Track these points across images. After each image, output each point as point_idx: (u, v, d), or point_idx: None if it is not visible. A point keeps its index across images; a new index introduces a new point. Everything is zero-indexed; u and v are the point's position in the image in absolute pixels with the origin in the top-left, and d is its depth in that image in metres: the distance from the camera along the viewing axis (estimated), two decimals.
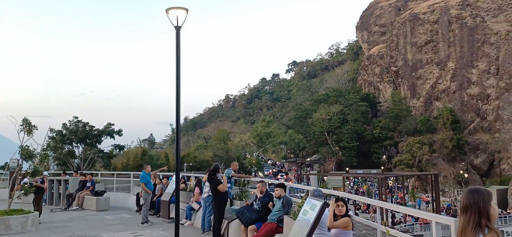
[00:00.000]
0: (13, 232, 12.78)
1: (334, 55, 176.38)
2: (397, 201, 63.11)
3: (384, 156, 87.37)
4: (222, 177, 11.91)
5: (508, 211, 56.73)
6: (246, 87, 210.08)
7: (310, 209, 6.93)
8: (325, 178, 75.30)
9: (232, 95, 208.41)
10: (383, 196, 53.92)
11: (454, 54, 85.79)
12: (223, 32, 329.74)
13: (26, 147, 14.79)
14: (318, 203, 6.71)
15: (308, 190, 9.20)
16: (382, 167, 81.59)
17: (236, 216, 10.89)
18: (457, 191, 70.37)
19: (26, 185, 15.20)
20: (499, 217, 52.50)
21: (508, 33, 78.70)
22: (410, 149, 77.13)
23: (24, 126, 14.59)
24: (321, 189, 8.25)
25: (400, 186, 72.14)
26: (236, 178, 13.27)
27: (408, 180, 75.67)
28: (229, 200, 12.50)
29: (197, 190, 14.73)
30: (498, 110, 75.59)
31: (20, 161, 15.48)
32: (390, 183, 74.67)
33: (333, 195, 8.98)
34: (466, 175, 71.57)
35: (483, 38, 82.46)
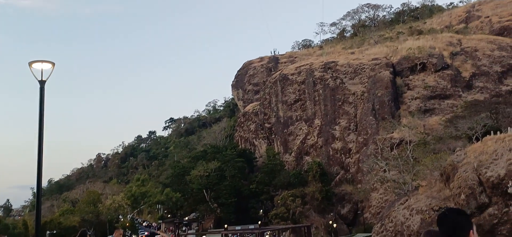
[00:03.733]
0: None
1: (212, 112, 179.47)
2: None
3: (261, 211, 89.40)
4: None
5: None
6: (120, 145, 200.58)
7: None
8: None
9: (104, 154, 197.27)
10: None
11: (320, 112, 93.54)
12: (96, 88, 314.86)
13: None
14: None
15: None
16: (259, 222, 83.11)
17: None
18: None
19: None
20: None
21: (363, 94, 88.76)
22: (284, 203, 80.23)
23: None
24: None
25: None
26: None
27: (284, 233, 78.14)
28: None
29: None
30: (359, 163, 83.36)
31: None
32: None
33: None
34: (334, 225, 76.43)
35: (343, 97, 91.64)
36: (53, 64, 10.34)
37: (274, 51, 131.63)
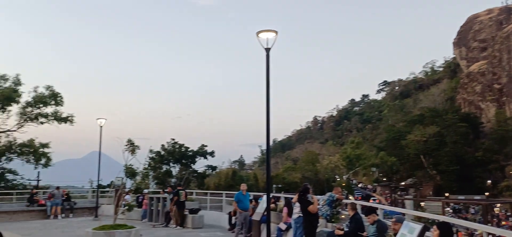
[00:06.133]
0: None
1: (429, 73, 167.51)
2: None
3: (489, 181, 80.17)
4: (312, 198, 11.75)
5: None
6: (334, 108, 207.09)
7: (408, 232, 6.59)
8: (422, 203, 71.07)
9: (320, 116, 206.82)
10: (490, 224, 49.39)
11: None
12: (311, 54, 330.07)
13: (130, 166, 16.01)
14: (417, 227, 6.36)
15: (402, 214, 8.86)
16: (486, 193, 74.91)
17: None
18: None
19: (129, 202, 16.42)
20: None
21: None
22: None
23: (128, 146, 15.84)
24: (402, 215, 7.99)
25: (509, 214, 65.49)
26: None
27: None
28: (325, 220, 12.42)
29: (285, 210, 14.66)
30: None
31: (124, 179, 16.79)
32: (497, 210, 68.18)
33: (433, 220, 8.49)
34: None
35: None
36: (276, 32, 11.40)
37: (506, 0, 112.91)
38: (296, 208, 12.57)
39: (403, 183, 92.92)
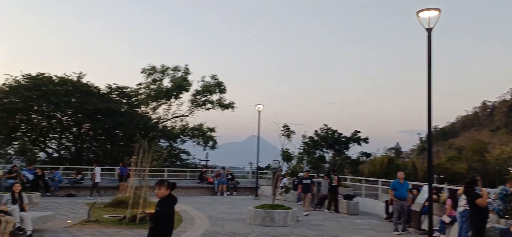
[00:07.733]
0: (276, 224, 14.60)
1: None
2: None
3: None
4: (480, 191, 10.74)
5: None
6: (508, 92, 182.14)
7: None
8: None
9: (490, 101, 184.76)
10: None
11: None
12: (479, 32, 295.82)
13: (286, 150, 16.77)
14: None
15: None
16: None
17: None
18: None
19: (286, 184, 17.24)
20: None
21: None
22: None
23: (284, 131, 16.61)
24: None
25: None
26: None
27: None
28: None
29: (449, 202, 13.64)
30: None
31: (280, 162, 17.67)
32: None
33: None
34: None
35: None
36: (439, 10, 10.54)
37: None
38: (462, 201, 11.65)
39: None
